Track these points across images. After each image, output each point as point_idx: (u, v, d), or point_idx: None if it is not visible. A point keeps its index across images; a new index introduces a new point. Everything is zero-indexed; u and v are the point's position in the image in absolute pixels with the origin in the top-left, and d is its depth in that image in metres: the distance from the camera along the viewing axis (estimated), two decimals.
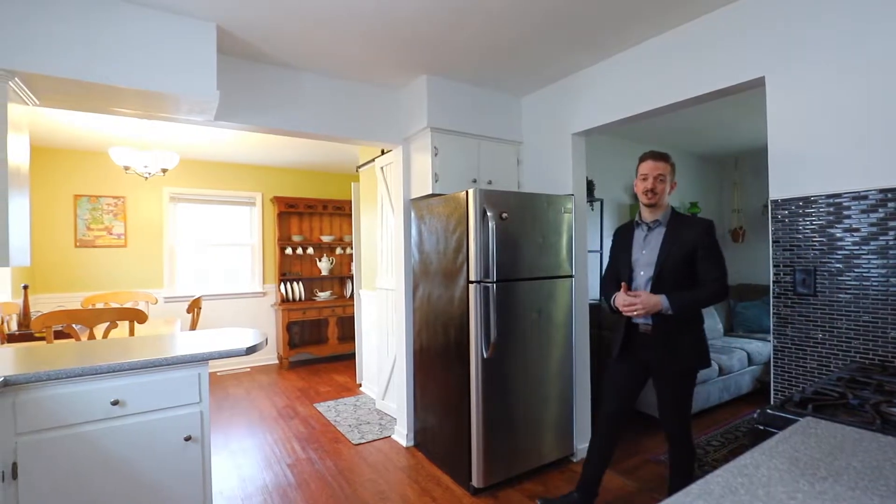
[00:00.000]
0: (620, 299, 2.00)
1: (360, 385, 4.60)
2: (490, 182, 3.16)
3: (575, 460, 2.89)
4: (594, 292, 3.70)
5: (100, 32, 2.00)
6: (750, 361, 3.98)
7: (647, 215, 2.08)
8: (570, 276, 2.87)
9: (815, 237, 1.84)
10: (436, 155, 2.93)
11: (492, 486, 2.56)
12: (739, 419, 3.57)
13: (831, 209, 1.80)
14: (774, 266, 1.97)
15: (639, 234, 2.09)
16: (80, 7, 1.96)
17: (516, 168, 3.34)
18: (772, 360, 1.99)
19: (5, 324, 3.33)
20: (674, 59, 2.35)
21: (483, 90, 3.17)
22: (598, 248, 3.76)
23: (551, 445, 2.78)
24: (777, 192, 1.96)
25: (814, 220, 1.84)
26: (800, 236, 1.89)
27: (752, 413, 3.68)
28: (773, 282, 1.97)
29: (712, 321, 4.57)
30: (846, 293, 1.76)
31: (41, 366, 1.71)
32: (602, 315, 3.87)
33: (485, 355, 2.50)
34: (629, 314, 1.98)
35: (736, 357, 3.87)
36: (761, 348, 4.11)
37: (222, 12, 2.17)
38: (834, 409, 1.09)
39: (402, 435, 3.21)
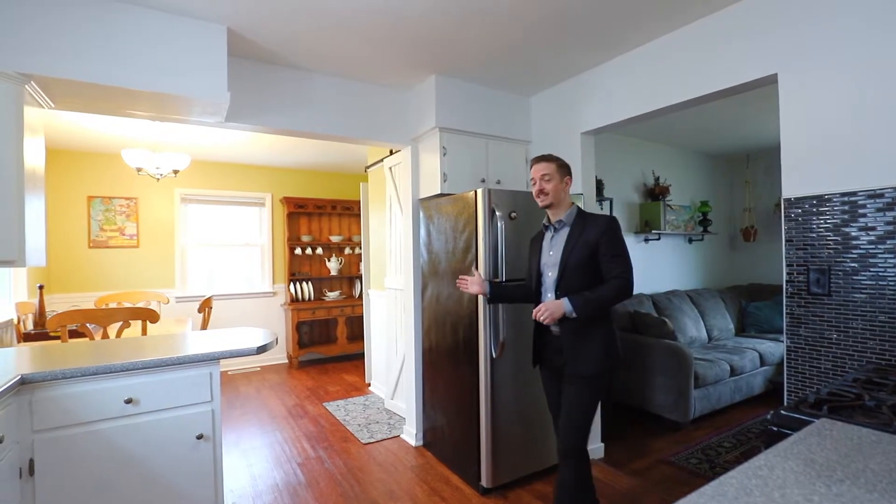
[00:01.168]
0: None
1: (369, 384, 4.61)
2: (499, 182, 3.15)
3: None
4: None
5: (113, 36, 2.03)
6: (762, 362, 3.93)
7: (551, 217, 2.03)
8: None
9: (829, 236, 1.82)
10: (444, 155, 2.93)
11: (501, 486, 2.55)
12: (751, 420, 3.53)
13: (846, 207, 1.77)
14: (787, 265, 1.94)
15: (547, 236, 2.05)
16: (94, 11, 1.99)
17: (525, 167, 3.33)
18: (785, 360, 1.96)
19: (21, 323, 3.38)
20: (685, 57, 2.33)
21: (491, 89, 3.16)
22: None
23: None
24: (790, 190, 1.93)
25: (828, 219, 1.82)
26: (813, 235, 1.86)
27: (765, 414, 3.65)
28: (787, 281, 1.95)
29: (724, 321, 4.53)
30: (862, 293, 1.73)
31: (57, 364, 1.74)
32: (613, 315, 3.84)
33: (494, 355, 2.49)
34: (537, 319, 1.85)
35: (748, 357, 3.83)
36: (773, 349, 4.06)
37: (233, 15, 2.19)
38: (850, 411, 1.07)
39: (410, 434, 3.22)
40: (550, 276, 1.96)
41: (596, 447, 2.94)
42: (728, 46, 2.15)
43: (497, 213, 2.48)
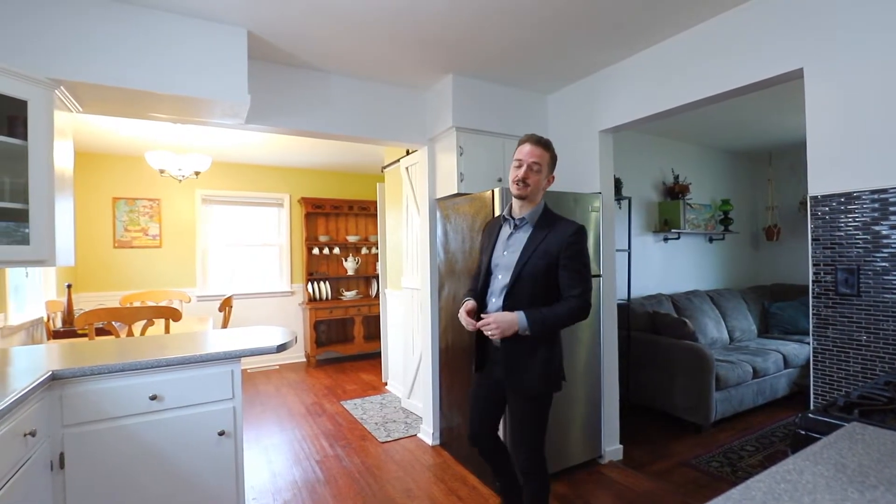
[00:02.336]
0: (463, 313, 1.74)
1: (386, 383, 4.64)
2: None
3: (603, 462, 2.85)
4: (622, 292, 3.64)
5: (138, 40, 2.08)
6: (786, 364, 3.84)
7: (516, 210, 1.78)
8: (598, 276, 2.83)
9: (858, 235, 1.77)
10: (461, 154, 2.93)
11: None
12: (775, 424, 3.45)
13: (876, 205, 1.72)
14: (814, 265, 1.89)
15: (504, 231, 1.81)
16: (119, 17, 2.04)
17: None
18: (811, 362, 1.91)
19: (51, 321, 3.49)
20: (707, 52, 2.29)
21: (508, 88, 3.15)
22: (627, 248, 3.69)
23: (579, 447, 2.75)
24: (817, 187, 1.88)
25: (857, 217, 1.77)
26: (841, 234, 1.81)
27: (790, 418, 3.57)
28: (813, 281, 1.90)
29: (746, 322, 4.44)
30: (893, 293, 1.68)
31: (85, 361, 1.79)
32: (631, 315, 3.80)
33: None
34: (483, 331, 1.68)
35: (771, 359, 3.74)
36: (798, 350, 3.96)
37: (253, 18, 2.23)
38: (882, 415, 1.04)
39: (427, 434, 3.23)
40: (500, 279, 1.75)
41: (614, 448, 2.91)
42: (751, 41, 2.10)
43: None
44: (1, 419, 1.28)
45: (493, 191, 2.52)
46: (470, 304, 1.79)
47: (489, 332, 1.64)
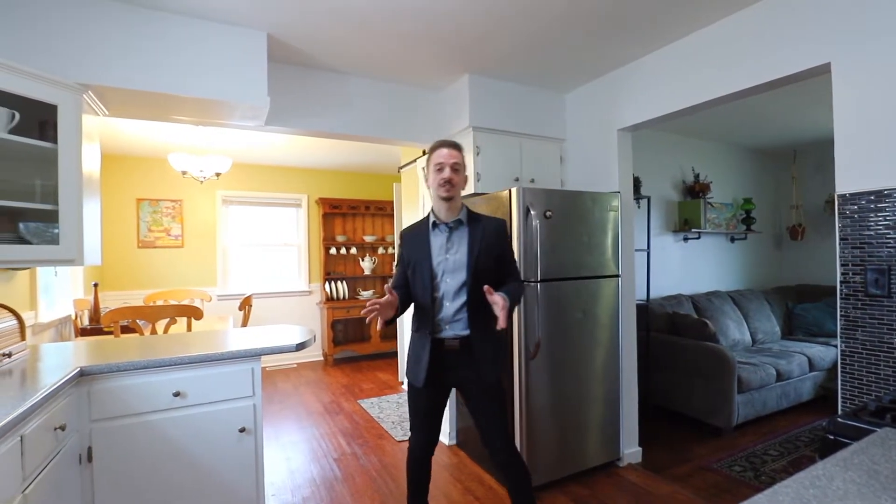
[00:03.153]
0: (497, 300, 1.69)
1: (403, 383, 4.66)
2: (532, 180, 3.12)
3: (622, 465, 2.81)
4: (641, 292, 3.60)
5: (162, 45, 2.12)
6: (811, 367, 3.74)
7: (445, 215, 1.83)
8: (617, 276, 2.80)
9: (889, 234, 1.71)
10: (478, 154, 2.93)
11: (536, 487, 2.53)
12: (800, 428, 3.36)
13: None
14: (842, 265, 1.84)
15: (438, 237, 1.84)
16: (144, 22, 2.09)
17: (559, 166, 3.28)
18: (839, 365, 1.86)
19: (78, 318, 3.59)
20: (730, 48, 2.24)
21: (525, 87, 3.13)
22: (646, 247, 3.64)
23: (597, 449, 2.72)
24: (845, 185, 1.83)
25: (888, 216, 1.71)
26: (871, 233, 1.76)
27: (816, 422, 3.48)
28: (841, 282, 1.85)
29: (769, 324, 4.34)
30: None
31: (111, 358, 1.84)
32: (651, 316, 3.75)
33: (529, 355, 2.47)
34: (503, 323, 1.68)
35: (795, 362, 3.65)
36: (824, 353, 3.85)
37: (273, 21, 2.26)
38: None
39: (444, 433, 3.23)
40: (450, 281, 1.79)
41: (633, 451, 2.87)
42: (776, 36, 2.05)
43: (532, 213, 2.46)
44: (33, 413, 1.32)
45: (510, 190, 2.51)
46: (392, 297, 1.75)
47: (503, 314, 1.65)
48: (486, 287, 1.69)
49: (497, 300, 1.66)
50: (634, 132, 2.94)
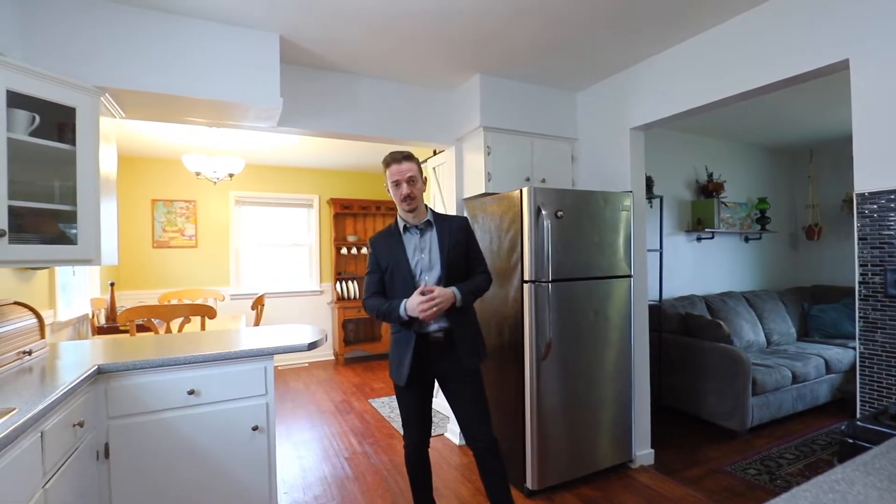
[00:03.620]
0: (416, 302, 1.80)
1: None
2: (543, 180, 3.11)
3: (634, 466, 2.79)
4: (654, 293, 3.56)
5: (177, 48, 2.16)
6: (828, 369, 3.67)
7: (413, 220, 1.97)
8: (629, 276, 2.78)
9: None
10: (488, 154, 2.93)
11: (547, 488, 2.52)
12: (816, 431, 3.31)
13: None
14: (861, 266, 1.81)
15: (411, 238, 1.97)
16: (159, 25, 2.12)
17: (571, 165, 3.27)
18: (857, 368, 1.83)
19: (95, 317, 3.65)
20: (745, 45, 2.21)
21: (536, 87, 3.12)
22: (659, 247, 3.61)
23: (609, 450, 2.70)
24: (864, 184, 1.80)
25: None
26: (891, 232, 1.72)
27: (833, 425, 3.42)
28: (860, 283, 1.82)
29: (784, 325, 4.27)
30: None
31: (127, 356, 1.87)
32: (663, 317, 3.71)
33: (540, 356, 2.46)
34: (430, 315, 1.79)
35: (812, 364, 3.59)
36: (841, 355, 3.79)
37: (285, 23, 2.28)
38: None
39: (454, 433, 3.23)
40: (427, 279, 1.92)
41: (645, 453, 2.85)
42: (793, 32, 2.02)
43: (543, 212, 2.45)
44: (53, 410, 1.35)
45: (521, 190, 2.50)
46: (414, 297, 1.84)
47: (433, 309, 1.78)
48: (424, 286, 1.84)
49: (432, 296, 1.79)
50: (647, 131, 2.91)
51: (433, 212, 2.02)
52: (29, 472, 1.21)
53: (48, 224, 1.92)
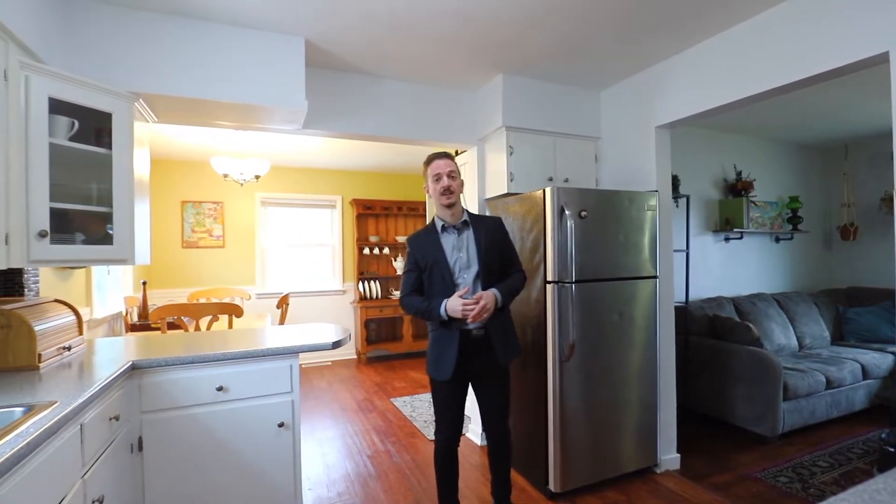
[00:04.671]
0: (458, 304, 1.86)
1: None
2: (566, 180, 3.08)
3: (659, 471, 2.74)
4: (680, 294, 3.49)
5: (206, 54, 2.22)
6: (865, 374, 3.54)
7: (450, 218, 2.03)
8: (654, 277, 2.73)
9: None
10: (511, 154, 2.92)
11: (570, 491, 2.50)
12: (852, 439, 3.19)
13: None
14: None
15: (449, 238, 2.03)
16: (189, 33, 2.19)
17: (594, 165, 3.23)
18: None
19: (128, 315, 3.78)
20: (777, 39, 2.15)
21: (559, 86, 3.10)
22: (685, 248, 3.53)
23: (633, 454, 2.66)
24: None
25: None
26: None
27: (870, 433, 3.29)
28: None
29: (817, 328, 4.13)
30: None
31: (159, 353, 1.93)
32: (690, 318, 3.64)
33: (563, 357, 2.44)
34: (477, 319, 1.87)
35: (847, 369, 3.46)
36: (879, 360, 3.64)
37: (310, 27, 2.32)
38: None
39: (476, 434, 3.23)
40: (466, 276, 1.99)
41: (671, 457, 2.79)
42: (829, 25, 1.95)
43: (567, 212, 2.42)
44: (91, 403, 1.41)
45: (544, 190, 2.48)
46: (454, 299, 1.91)
47: (480, 314, 1.86)
48: (465, 290, 1.91)
49: (477, 302, 1.87)
50: (673, 129, 2.86)
51: (469, 212, 2.09)
52: (70, 463, 1.26)
53: (93, 225, 1.99)
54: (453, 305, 1.88)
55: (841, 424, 3.43)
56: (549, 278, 2.46)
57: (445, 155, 2.03)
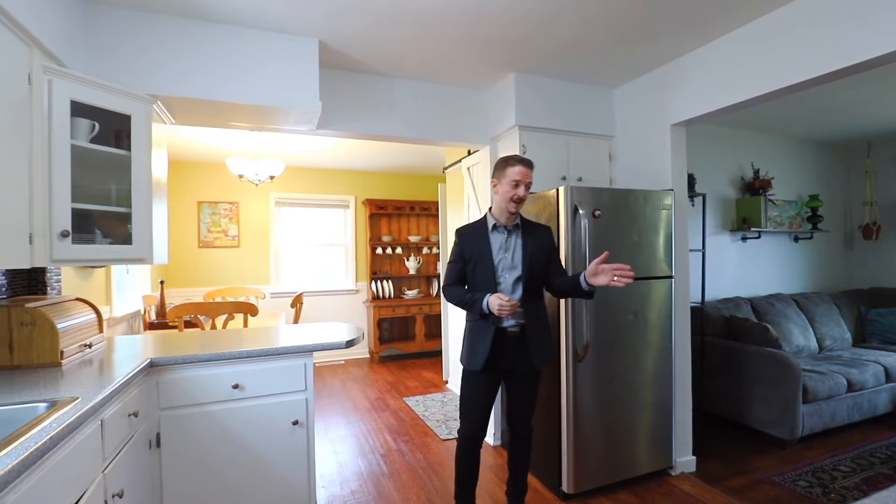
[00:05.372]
0: (495, 301, 1.86)
1: (447, 382, 4.69)
2: (580, 179, 3.06)
3: (674, 474, 2.71)
4: (696, 294, 3.45)
5: (222, 56, 2.25)
6: (888, 377, 3.45)
7: (505, 220, 2.04)
8: (670, 277, 2.69)
9: None
10: (524, 153, 2.90)
11: (583, 492, 2.48)
12: (875, 443, 3.11)
13: None
14: None
15: (497, 237, 2.05)
16: (205, 35, 2.22)
17: (608, 164, 3.20)
18: None
19: (146, 313, 3.85)
20: (801, 33, 2.10)
21: (572, 84, 3.08)
22: (701, 247, 3.48)
23: (648, 456, 2.63)
24: None
25: None
26: None
27: (894, 437, 3.21)
28: None
29: (838, 329, 4.04)
30: None
31: (177, 351, 1.96)
32: (706, 319, 3.59)
33: (577, 358, 2.42)
34: (507, 313, 1.86)
35: (870, 371, 3.38)
36: None
37: (324, 28, 2.33)
38: None
39: (489, 434, 3.23)
40: (508, 276, 2.02)
41: (687, 460, 2.76)
42: (856, 16, 1.90)
43: (580, 211, 2.41)
44: (112, 400, 1.44)
45: (557, 189, 2.47)
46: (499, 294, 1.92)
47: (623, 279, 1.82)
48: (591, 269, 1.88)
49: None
50: (689, 127, 2.82)
51: (522, 217, 2.10)
52: (91, 458, 1.29)
53: (113, 225, 2.04)
54: (493, 302, 1.87)
55: (863, 428, 3.35)
56: None
57: (530, 163, 2.00)
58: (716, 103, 2.48)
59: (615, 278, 1.80)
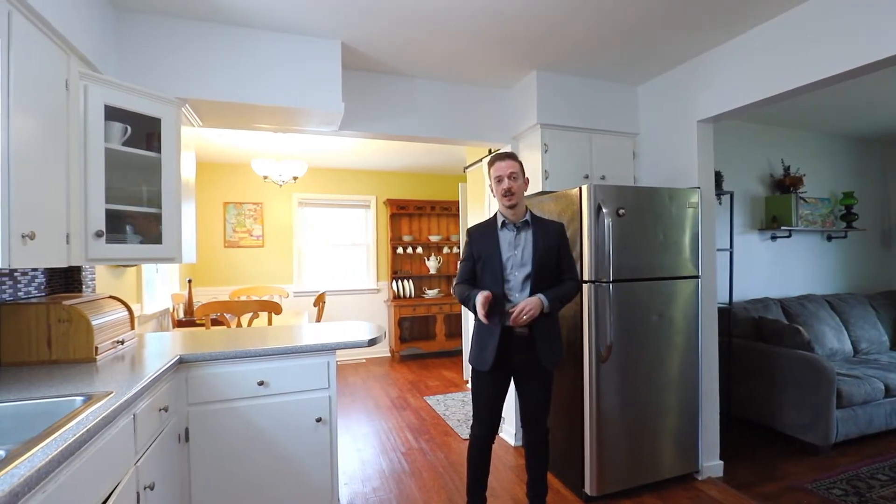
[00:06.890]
0: (480, 298, 1.88)
1: (467, 381, 4.68)
2: (603, 177, 3.02)
3: (700, 478, 2.65)
4: (724, 295, 3.36)
5: (248, 60, 2.30)
6: None
7: (512, 216, 2.04)
8: (696, 277, 2.64)
9: None
10: (546, 152, 2.88)
11: (606, 495, 2.44)
12: None
13: None
14: None
15: (506, 235, 2.05)
16: (232, 39, 2.27)
17: (632, 161, 3.15)
18: None
19: (175, 311, 3.96)
20: (829, 26, 2.03)
21: (595, 81, 3.04)
22: (729, 247, 3.39)
23: (673, 459, 2.58)
24: None
25: None
26: None
27: None
28: None
29: (874, 332, 3.89)
30: None
31: (204, 348, 2.01)
32: (734, 320, 3.49)
33: (600, 358, 2.39)
34: (517, 322, 1.91)
35: None
36: None
37: (346, 30, 2.36)
38: None
39: (510, 434, 3.21)
40: (517, 275, 2.00)
41: (714, 464, 2.69)
42: (888, 8, 1.83)
43: (604, 210, 2.37)
44: (143, 395, 1.48)
45: (580, 188, 2.44)
46: (487, 294, 1.91)
47: (525, 317, 1.89)
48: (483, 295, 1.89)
49: (522, 309, 1.90)
50: (716, 123, 2.75)
51: (532, 213, 2.10)
52: (124, 450, 1.34)
53: (144, 225, 2.10)
54: (480, 299, 1.89)
55: None
56: (586, 278, 2.42)
57: (508, 156, 2.03)
58: (745, 98, 2.41)
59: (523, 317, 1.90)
